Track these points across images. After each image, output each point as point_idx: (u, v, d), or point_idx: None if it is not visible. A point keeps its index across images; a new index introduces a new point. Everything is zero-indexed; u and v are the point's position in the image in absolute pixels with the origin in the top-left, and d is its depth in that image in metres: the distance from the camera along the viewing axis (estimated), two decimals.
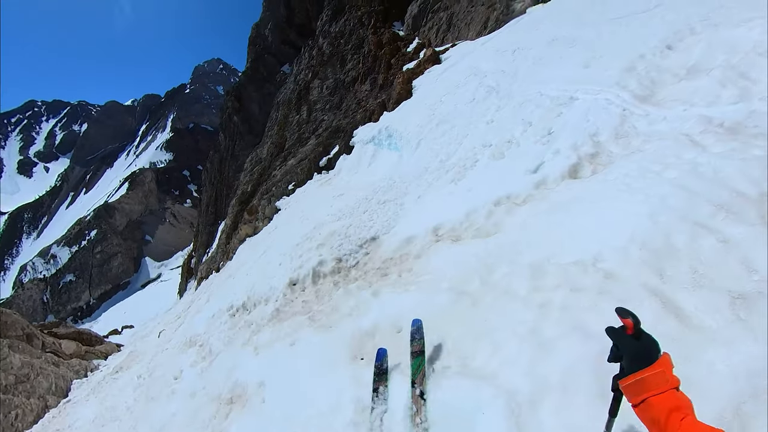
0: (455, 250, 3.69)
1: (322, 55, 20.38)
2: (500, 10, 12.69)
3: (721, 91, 3.55)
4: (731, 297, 1.79)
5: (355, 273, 4.65)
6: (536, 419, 1.75)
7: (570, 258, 2.57)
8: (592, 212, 2.94)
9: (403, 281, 3.76)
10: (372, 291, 3.78)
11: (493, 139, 5.75)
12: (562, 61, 6.49)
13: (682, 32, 4.99)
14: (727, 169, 2.52)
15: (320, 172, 13.31)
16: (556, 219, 3.15)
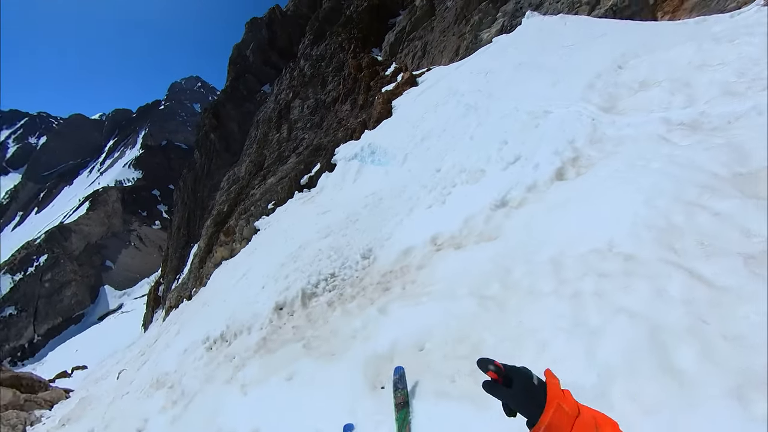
0: (462, 257, 3.68)
1: (304, 76, 20.78)
2: (469, 39, 13.79)
3: (672, 99, 4.19)
4: (743, 258, 1.96)
5: (351, 291, 4.37)
6: (609, 407, 1.66)
7: (585, 248, 2.67)
8: (591, 205, 3.16)
9: (410, 294, 3.60)
10: (378, 308, 3.54)
11: (479, 150, 6.02)
12: (531, 81, 7.16)
13: (628, 55, 5.90)
14: (699, 157, 2.90)
15: (302, 191, 13.13)
16: (558, 216, 3.30)
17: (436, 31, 15.89)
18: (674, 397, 1.54)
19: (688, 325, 1.80)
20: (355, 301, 4.06)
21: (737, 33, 4.94)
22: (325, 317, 4.11)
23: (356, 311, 3.78)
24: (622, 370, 1.77)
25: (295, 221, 9.94)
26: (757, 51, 4.12)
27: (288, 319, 4.58)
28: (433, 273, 3.69)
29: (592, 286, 2.32)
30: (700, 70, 4.42)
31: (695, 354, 1.66)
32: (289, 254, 6.71)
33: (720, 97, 3.73)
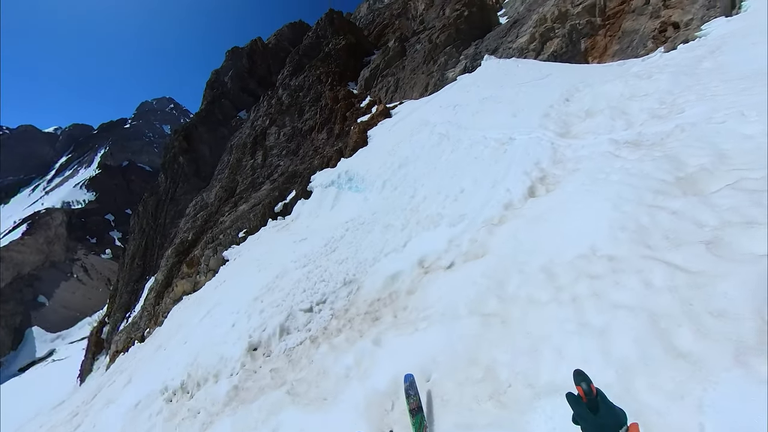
0: (453, 277, 3.62)
1: (281, 104, 21.10)
2: (437, 77, 15.11)
3: (614, 123, 5.04)
4: (704, 244, 2.28)
5: (336, 323, 4.10)
6: (638, 402, 1.69)
7: (571, 255, 2.86)
8: (567, 216, 3.44)
9: (403, 321, 3.40)
10: (372, 340, 3.29)
11: (455, 174, 6.36)
12: (495, 113, 8.02)
13: (571, 90, 7.13)
14: (647, 167, 3.42)
15: (276, 218, 12.81)
16: (539, 228, 3.51)
17: (407, 69, 17.23)
18: (691, 378, 1.65)
19: (678, 309, 2.00)
20: (342, 334, 3.76)
21: (651, 72, 6.24)
22: (309, 356, 3.73)
23: (345, 346, 3.49)
24: (637, 362, 1.85)
25: (270, 250, 9.48)
26: (668, 84, 5.27)
27: (264, 361, 4.11)
28: (425, 296, 3.58)
29: (587, 289, 2.47)
30: (631, 100, 5.44)
31: (692, 334, 1.82)
32: (263, 286, 6.27)
33: (650, 120, 4.57)
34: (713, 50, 5.79)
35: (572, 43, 11.66)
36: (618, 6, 11.15)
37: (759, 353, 1.59)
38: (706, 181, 2.88)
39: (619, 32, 10.40)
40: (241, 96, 31.16)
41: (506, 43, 13.59)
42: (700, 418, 1.49)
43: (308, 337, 4.16)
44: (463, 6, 17.00)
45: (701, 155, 3.20)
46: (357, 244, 6.12)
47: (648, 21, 9.73)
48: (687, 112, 4.21)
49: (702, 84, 4.73)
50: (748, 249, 2.11)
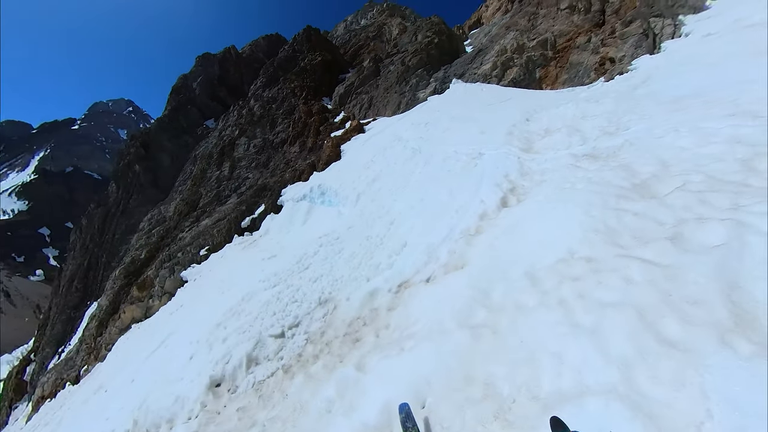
0: (435, 290, 3.51)
1: (253, 115, 20.49)
2: (408, 97, 15.78)
3: (570, 140, 5.53)
4: (669, 240, 2.50)
5: (312, 349, 3.74)
6: (644, 397, 1.69)
7: (551, 259, 2.92)
8: (542, 223, 3.54)
9: (387, 341, 3.18)
10: (354, 365, 3.00)
11: (430, 186, 6.44)
12: (464, 130, 8.43)
13: (531, 111, 7.79)
14: (607, 176, 3.77)
15: (242, 234, 12.01)
16: (516, 236, 3.58)
17: (380, 88, 17.81)
18: (687, 366, 1.71)
19: (660, 300, 2.10)
20: (320, 361, 3.46)
21: (597, 97, 7.06)
22: (282, 389, 3.34)
23: (324, 374, 3.16)
24: (634, 356, 1.88)
25: (235, 269, 8.72)
26: (613, 107, 5.99)
27: (229, 398, 3.59)
28: (408, 312, 3.42)
29: (572, 290, 2.51)
30: (583, 120, 6.05)
31: (677, 323, 1.92)
32: (227, 310, 5.66)
33: (602, 137, 5.07)
34: (644, 80, 6.69)
35: (529, 72, 12.90)
36: (565, 42, 12.68)
37: (738, 333, 1.72)
38: (658, 185, 3.20)
39: (567, 64, 11.73)
40: (210, 104, 29.86)
41: (472, 69, 14.67)
42: (707, 404, 1.53)
43: (280, 366, 3.72)
44: (433, 34, 18.27)
45: (650, 164, 3.58)
46: (332, 260, 5.84)
47: (590, 56, 11.11)
48: (632, 129, 4.73)
49: (640, 106, 5.38)
50: (704, 241, 2.34)
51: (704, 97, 4.58)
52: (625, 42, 10.35)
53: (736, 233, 2.27)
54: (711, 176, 2.95)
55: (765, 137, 3.09)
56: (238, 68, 30.74)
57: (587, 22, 13.22)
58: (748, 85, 4.36)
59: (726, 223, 2.38)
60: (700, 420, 1.50)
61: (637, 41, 10.05)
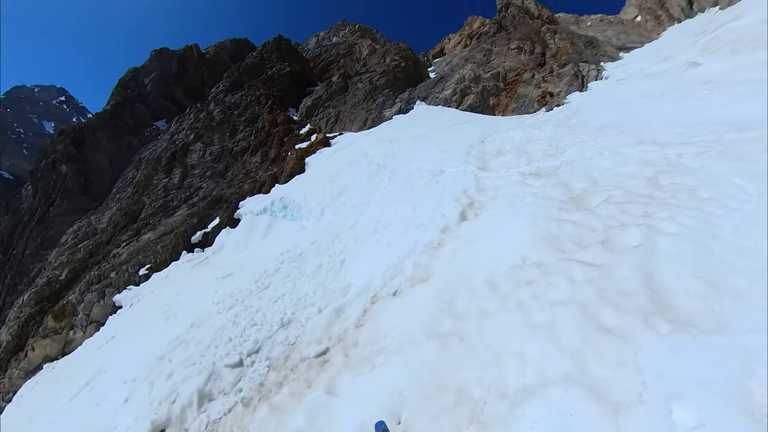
0: (403, 303, 3.55)
1: (212, 119, 19.26)
2: (375, 114, 16.31)
3: (519, 160, 6.20)
4: (600, 244, 2.87)
5: (275, 377, 3.44)
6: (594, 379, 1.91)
7: (507, 266, 3.18)
8: (497, 234, 3.89)
9: (357, 359, 3.10)
10: (324, 388, 2.85)
11: (393, 202, 6.61)
12: (426, 149, 8.92)
13: (485, 134, 8.58)
14: (549, 191, 4.24)
15: (192, 250, 10.87)
16: (476, 247, 3.84)
17: (348, 104, 18.16)
18: (624, 348, 2.02)
19: (597, 295, 2.44)
20: (285, 388, 3.22)
21: (539, 124, 8.09)
22: (242, 426, 3.02)
23: (291, 403, 2.92)
24: (582, 346, 2.14)
25: (183, 291, 7.78)
26: (552, 133, 6.88)
27: None
28: (376, 328, 3.39)
29: (527, 293, 2.76)
30: (529, 143, 6.83)
31: (612, 312, 2.26)
32: (173, 339, 5.00)
33: (544, 158, 5.76)
34: (576, 112, 7.82)
35: (484, 99, 14.25)
36: (514, 77, 14.35)
37: (657, 315, 2.10)
38: (589, 198, 3.73)
39: (516, 95, 13.23)
40: (163, 103, 27.35)
41: (434, 93, 15.75)
42: (642, 377, 1.82)
43: (239, 400, 3.35)
44: (401, 58, 19.39)
45: (582, 181, 4.16)
46: (295, 277, 5.56)
47: (534, 89, 12.69)
48: (567, 152, 5.44)
49: (573, 133, 6.23)
50: (626, 243, 2.78)
51: (619, 128, 5.50)
52: (561, 80, 12.06)
53: (648, 235, 2.73)
54: (628, 190, 3.52)
55: (664, 160, 3.76)
56: (199, 68, 28.90)
57: (532, 61, 15.20)
58: (649, 119, 5.36)
59: (641, 227, 2.86)
60: (638, 391, 1.76)
61: (570, 80, 11.77)
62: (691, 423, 1.53)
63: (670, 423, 1.58)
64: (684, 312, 2.09)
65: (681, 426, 1.55)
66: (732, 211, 2.66)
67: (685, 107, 5.53)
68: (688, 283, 2.23)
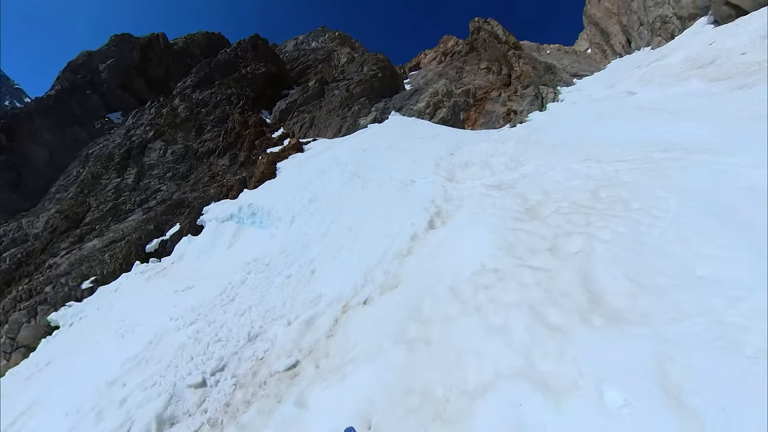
0: (373, 311, 3.62)
1: (176, 116, 18.05)
2: (350, 122, 16.43)
3: (483, 173, 6.56)
4: (548, 250, 3.14)
5: (243, 395, 3.30)
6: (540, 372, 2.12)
7: (468, 272, 3.41)
8: (461, 242, 4.10)
9: (328, 370, 3.11)
10: (294, 402, 2.82)
11: (365, 210, 6.66)
12: (399, 159, 9.16)
13: (454, 147, 9.03)
14: (507, 202, 4.55)
15: (147, 260, 9.96)
16: (441, 254, 4.05)
17: (323, 110, 18.09)
18: (564, 342, 2.27)
19: (545, 297, 2.69)
20: (254, 406, 3.11)
21: (503, 139, 8.64)
22: None
23: (260, 421, 2.87)
24: (531, 343, 2.37)
25: (136, 306, 7.06)
26: (513, 148, 7.33)
27: None
28: (347, 337, 3.43)
29: (485, 297, 2.98)
30: (493, 157, 7.27)
31: (556, 311, 2.52)
32: (127, 360, 4.54)
33: (506, 171, 6.18)
34: (535, 129, 8.53)
35: (455, 114, 14.99)
36: (483, 94, 15.30)
37: (592, 312, 2.41)
38: (541, 209, 4.09)
39: (484, 111, 14.09)
40: (120, 94, 25.04)
41: (409, 105, 16.26)
42: (578, 366, 2.08)
43: (205, 421, 3.17)
44: (378, 69, 19.82)
45: (536, 193, 4.55)
46: (263, 289, 5.36)
47: (500, 107, 13.62)
48: (525, 166, 5.90)
49: (531, 150, 6.77)
50: (570, 249, 3.11)
51: (569, 146, 6.09)
52: (523, 100, 13.08)
53: (588, 242, 3.08)
54: (574, 202, 3.92)
55: (604, 175, 4.23)
56: (164, 60, 26.94)
57: (499, 81, 16.34)
58: (593, 139, 6.02)
59: (582, 235, 3.22)
60: (575, 379, 2.00)
61: (531, 100, 12.81)
62: (619, 402, 1.77)
63: (601, 404, 1.80)
64: (614, 308, 2.39)
65: (611, 405, 1.78)
66: (656, 220, 3.06)
67: (623, 129, 6.28)
68: (619, 283, 2.55)
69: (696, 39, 10.83)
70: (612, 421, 1.71)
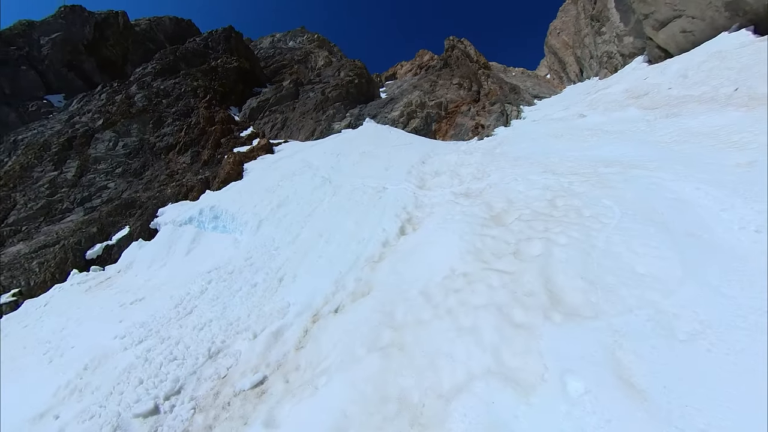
0: (345, 319, 3.56)
1: (131, 105, 16.37)
2: (324, 126, 16.28)
3: (452, 181, 6.86)
4: (512, 254, 3.44)
5: (203, 419, 2.99)
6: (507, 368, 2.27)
7: (439, 277, 3.52)
8: (432, 247, 4.22)
9: (298, 384, 2.97)
10: (262, 422, 2.63)
11: (336, 216, 6.59)
12: (371, 165, 9.25)
13: (426, 156, 9.36)
14: (475, 210, 4.79)
15: (87, 269, 8.76)
16: (413, 260, 4.14)
17: (297, 112, 17.71)
18: (528, 339, 2.44)
19: (510, 298, 2.85)
20: (216, 431, 2.88)
21: (471, 151, 9.12)
22: None
23: None
24: (499, 342, 2.50)
25: (72, 322, 6.06)
26: (481, 159, 7.75)
27: None
28: (318, 348, 3.32)
29: (455, 301, 3.09)
30: (462, 167, 7.62)
31: (521, 311, 2.69)
32: (59, 388, 3.89)
33: (473, 180, 6.49)
34: (500, 143, 9.12)
35: (427, 124, 15.54)
36: (453, 108, 16.09)
37: (553, 309, 2.61)
38: (506, 216, 4.38)
39: (455, 123, 14.80)
40: (65, 73, 22.11)
41: (383, 113, 16.55)
42: (543, 360, 2.25)
43: None
44: (355, 75, 19.94)
45: (501, 202, 4.86)
46: (225, 299, 4.98)
47: (469, 120, 14.40)
48: (491, 176, 6.28)
49: (497, 161, 7.22)
50: (531, 253, 3.35)
51: (530, 159, 6.60)
52: (490, 115, 13.98)
53: (547, 246, 3.36)
54: (534, 210, 4.26)
55: (560, 186, 4.64)
56: (122, 41, 24.31)
57: (469, 96, 17.31)
58: (551, 154, 6.61)
59: (542, 240, 3.49)
60: (541, 372, 2.15)
61: (497, 116, 13.73)
62: (581, 391, 1.93)
63: (565, 394, 1.96)
64: (572, 304, 2.61)
65: (573, 394, 1.93)
66: (604, 226, 3.41)
67: (575, 146, 6.96)
68: (575, 282, 2.79)
69: (634, 74, 12.51)
70: (575, 408, 1.86)
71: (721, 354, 1.91)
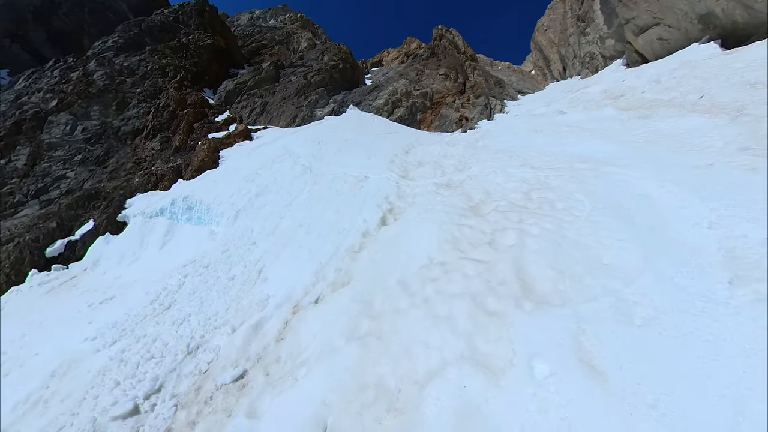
0: (324, 310, 3.59)
1: (90, 83, 14.90)
2: (306, 112, 15.76)
3: (435, 172, 6.90)
4: (488, 245, 3.49)
5: (186, 416, 2.94)
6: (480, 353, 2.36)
7: (416, 266, 3.60)
8: (411, 237, 4.28)
9: (279, 376, 3.01)
10: (245, 414, 2.69)
11: (316, 206, 6.48)
12: (353, 154, 9.09)
13: (409, 146, 9.33)
14: (455, 200, 4.87)
15: (48, 268, 8.03)
16: (392, 250, 4.18)
17: (277, 96, 16.97)
18: (501, 326, 2.52)
19: (484, 287, 2.94)
20: (200, 426, 2.83)
21: (454, 143, 9.19)
22: None
23: None
24: (473, 329, 2.60)
25: (33, 328, 5.48)
26: (462, 152, 7.84)
27: None
28: (298, 339, 3.36)
29: (432, 289, 3.16)
30: (444, 158, 7.69)
31: (494, 299, 2.78)
32: (20, 402, 3.59)
33: (455, 171, 6.56)
34: (482, 136, 9.23)
35: (412, 114, 15.43)
36: (439, 99, 16.04)
37: (524, 298, 2.72)
38: (483, 207, 4.49)
39: (439, 114, 14.80)
40: (7, 46, 19.80)
41: (368, 101, 16.21)
42: (513, 346, 2.36)
43: None
44: (339, 60, 19.27)
45: (479, 193, 4.97)
46: (203, 293, 4.84)
47: (454, 112, 14.44)
48: (471, 168, 6.37)
49: (478, 154, 7.32)
50: (506, 243, 3.46)
51: (510, 153, 6.75)
52: (475, 108, 14.07)
53: (520, 237, 3.48)
54: (510, 202, 4.40)
55: (536, 179, 4.78)
56: (78, 10, 21.92)
57: (455, 88, 17.30)
58: (530, 148, 6.77)
59: (516, 231, 3.61)
60: (510, 358, 2.26)
61: (481, 110, 13.85)
62: (546, 373, 2.06)
63: (532, 377, 2.08)
64: (541, 293, 2.73)
65: (539, 377, 2.06)
66: (575, 218, 3.56)
67: (553, 141, 7.17)
68: (545, 271, 2.92)
69: (613, 76, 12.99)
70: (540, 389, 1.99)
71: (671, 337, 2.08)
